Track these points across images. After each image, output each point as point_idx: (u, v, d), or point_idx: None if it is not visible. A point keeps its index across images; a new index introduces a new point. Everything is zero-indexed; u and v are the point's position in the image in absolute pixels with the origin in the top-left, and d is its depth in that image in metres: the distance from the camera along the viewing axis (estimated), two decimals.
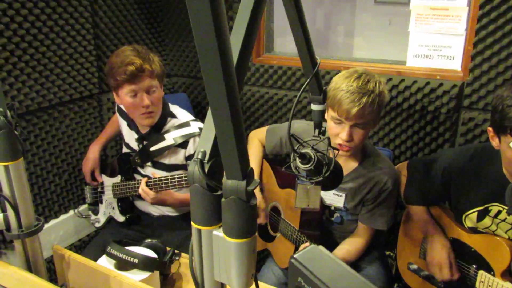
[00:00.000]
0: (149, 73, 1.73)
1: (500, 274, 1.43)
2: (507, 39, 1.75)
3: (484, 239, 1.50)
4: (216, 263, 0.67)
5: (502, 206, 1.45)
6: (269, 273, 1.85)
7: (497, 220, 1.47)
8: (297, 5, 0.90)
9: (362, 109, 1.47)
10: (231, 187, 0.60)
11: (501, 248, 1.44)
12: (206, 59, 0.52)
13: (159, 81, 1.79)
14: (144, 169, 1.94)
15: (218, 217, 0.64)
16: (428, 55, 1.98)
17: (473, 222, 1.53)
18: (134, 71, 1.68)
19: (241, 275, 0.65)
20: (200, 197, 0.64)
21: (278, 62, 2.29)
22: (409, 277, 1.78)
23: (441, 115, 1.95)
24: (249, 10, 0.69)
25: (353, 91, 1.47)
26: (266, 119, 2.41)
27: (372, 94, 1.48)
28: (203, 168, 0.62)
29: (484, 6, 1.75)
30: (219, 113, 0.56)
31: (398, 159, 2.10)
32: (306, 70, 1.03)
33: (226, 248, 0.64)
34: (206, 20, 0.49)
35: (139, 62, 1.69)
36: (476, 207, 1.51)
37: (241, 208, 0.61)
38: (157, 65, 1.77)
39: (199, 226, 0.66)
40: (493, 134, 1.36)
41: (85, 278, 1.29)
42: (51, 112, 1.98)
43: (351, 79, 1.50)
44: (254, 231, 0.64)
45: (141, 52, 1.74)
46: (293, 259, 0.50)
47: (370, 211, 1.68)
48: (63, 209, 2.14)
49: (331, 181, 1.17)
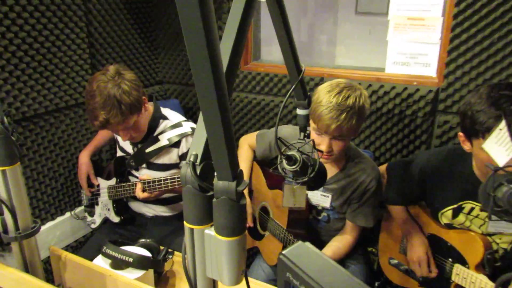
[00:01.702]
0: (117, 122, 1.63)
1: (474, 267, 1.45)
2: (479, 47, 1.78)
3: (459, 234, 1.52)
4: (208, 261, 0.67)
5: (475, 203, 1.47)
6: (259, 270, 1.85)
7: (470, 217, 1.49)
8: (283, 16, 0.90)
9: (341, 125, 1.46)
10: (222, 188, 0.60)
11: (475, 243, 1.46)
12: (197, 66, 0.52)
13: (133, 112, 1.67)
14: (139, 171, 1.93)
15: (210, 216, 0.64)
16: (405, 63, 2.01)
17: (449, 219, 1.55)
18: (100, 125, 1.63)
19: (232, 272, 0.65)
20: (192, 198, 0.64)
21: (265, 70, 2.30)
22: (390, 272, 1.80)
23: (418, 118, 1.97)
24: (237, 20, 0.69)
25: (332, 108, 1.45)
26: (254, 123, 2.41)
27: (351, 110, 1.46)
28: (195, 170, 0.62)
29: (457, 16, 1.78)
30: (210, 117, 0.56)
31: (378, 160, 2.12)
32: (292, 77, 1.03)
33: (218, 246, 0.64)
34: (197, 30, 0.49)
35: (102, 118, 1.60)
36: (451, 205, 1.53)
37: (231, 208, 0.61)
38: (127, 99, 1.62)
39: (192, 226, 0.66)
40: (464, 138, 1.37)
41: (82, 278, 1.27)
42: (47, 118, 1.95)
43: (332, 94, 1.48)
44: (244, 229, 0.64)
45: (107, 97, 1.58)
46: (281, 255, 0.50)
47: (356, 209, 1.69)
48: (60, 211, 2.11)
49: (315, 182, 1.18)
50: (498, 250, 1.50)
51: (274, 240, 1.76)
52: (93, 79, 1.66)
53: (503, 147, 0.85)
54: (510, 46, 1.73)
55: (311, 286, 0.42)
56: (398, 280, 1.76)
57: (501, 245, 1.49)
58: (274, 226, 1.75)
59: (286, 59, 0.99)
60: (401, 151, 2.07)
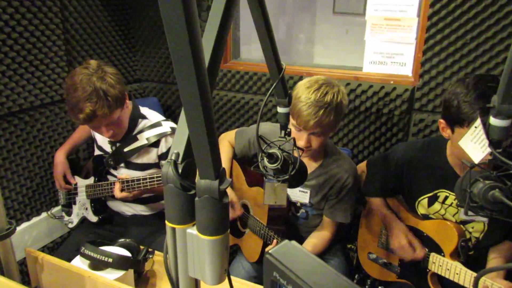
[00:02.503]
0: (103, 114, 1.59)
1: (449, 255, 1.49)
2: (453, 47, 1.82)
3: (434, 224, 1.57)
4: (190, 260, 0.65)
5: (449, 192, 1.52)
6: (239, 267, 1.84)
7: (445, 205, 1.54)
8: (263, 13, 0.90)
9: (319, 121, 1.47)
10: (204, 186, 0.59)
11: (450, 231, 1.50)
12: (180, 63, 0.51)
13: (118, 105, 1.64)
14: (117, 170, 1.89)
15: (192, 215, 0.63)
16: (382, 62, 2.03)
17: (425, 208, 1.60)
18: (86, 118, 1.58)
19: (214, 271, 0.64)
20: (174, 197, 0.62)
21: (244, 68, 2.29)
22: (369, 267, 1.82)
23: (394, 116, 2.00)
24: (218, 19, 0.68)
25: (310, 104, 1.46)
26: (234, 121, 2.40)
27: (329, 106, 1.47)
28: (177, 169, 0.61)
29: (432, 17, 1.81)
30: (193, 115, 0.55)
31: (356, 158, 2.15)
32: (273, 75, 1.03)
33: (200, 245, 0.63)
34: (180, 28, 0.48)
35: (89, 110, 1.55)
36: (427, 193, 1.57)
37: (214, 207, 0.60)
38: (113, 91, 1.59)
39: (174, 225, 0.65)
40: (445, 125, 1.40)
41: (59, 279, 1.23)
42: (22, 117, 1.89)
43: (311, 91, 1.48)
44: (227, 228, 0.63)
45: (93, 89, 1.55)
46: (268, 254, 0.49)
47: (333, 206, 1.71)
48: (35, 211, 2.05)
49: (296, 179, 1.18)
50: (471, 238, 1.55)
51: (255, 237, 1.76)
52: (74, 73, 1.61)
53: (478, 144, 0.86)
54: (482, 46, 1.77)
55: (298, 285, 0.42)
56: (377, 274, 1.79)
57: (474, 234, 1.55)
58: (255, 223, 1.75)
59: (267, 57, 0.99)
60: (378, 148, 2.09)
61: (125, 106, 1.71)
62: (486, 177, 0.86)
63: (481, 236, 1.53)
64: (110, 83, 1.60)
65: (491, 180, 0.85)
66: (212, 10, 0.69)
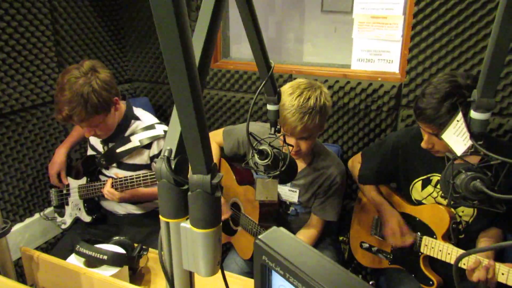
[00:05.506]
0: (81, 119, 1.59)
1: (441, 237, 1.54)
2: (438, 44, 1.85)
3: (427, 208, 1.61)
4: (184, 253, 0.67)
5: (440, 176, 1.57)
6: (233, 264, 1.86)
7: (437, 189, 1.60)
8: (252, 13, 0.92)
9: (305, 126, 1.50)
10: (196, 181, 0.61)
11: (441, 213, 1.55)
12: (171, 62, 0.52)
13: (99, 111, 1.63)
14: (109, 170, 1.90)
15: (185, 209, 0.64)
16: (370, 59, 2.06)
17: (418, 192, 1.65)
18: (63, 119, 1.60)
19: (208, 263, 0.66)
20: (167, 192, 0.64)
21: (234, 67, 2.31)
22: (362, 256, 1.86)
23: (382, 113, 2.03)
24: (208, 18, 0.70)
25: (294, 111, 1.48)
26: (225, 120, 2.42)
27: (313, 111, 1.49)
28: (170, 165, 0.63)
29: (418, 15, 1.84)
30: (184, 112, 0.56)
31: (346, 154, 2.18)
32: (262, 73, 1.05)
33: (194, 238, 0.64)
34: (171, 27, 0.50)
35: (65, 114, 1.56)
36: (421, 176, 1.63)
37: (206, 200, 0.62)
38: (95, 98, 1.57)
39: (167, 219, 0.66)
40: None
41: (55, 277, 1.25)
42: (13, 118, 1.89)
43: (294, 97, 1.50)
44: (219, 221, 0.65)
45: (75, 94, 1.54)
46: (257, 239, 0.52)
47: (321, 204, 1.74)
48: (28, 212, 2.05)
49: (287, 175, 1.20)
50: (461, 222, 1.60)
51: (247, 234, 1.78)
52: (66, 71, 1.62)
53: (460, 137, 0.89)
54: (467, 43, 1.81)
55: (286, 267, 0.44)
56: (370, 263, 1.83)
57: (464, 218, 1.59)
58: (246, 221, 1.77)
59: (256, 56, 1.01)
60: (367, 144, 2.12)
61: (113, 110, 1.72)
62: (468, 168, 0.89)
63: (471, 220, 1.58)
64: (95, 89, 1.59)
65: (473, 171, 0.88)
66: (202, 10, 0.71)
